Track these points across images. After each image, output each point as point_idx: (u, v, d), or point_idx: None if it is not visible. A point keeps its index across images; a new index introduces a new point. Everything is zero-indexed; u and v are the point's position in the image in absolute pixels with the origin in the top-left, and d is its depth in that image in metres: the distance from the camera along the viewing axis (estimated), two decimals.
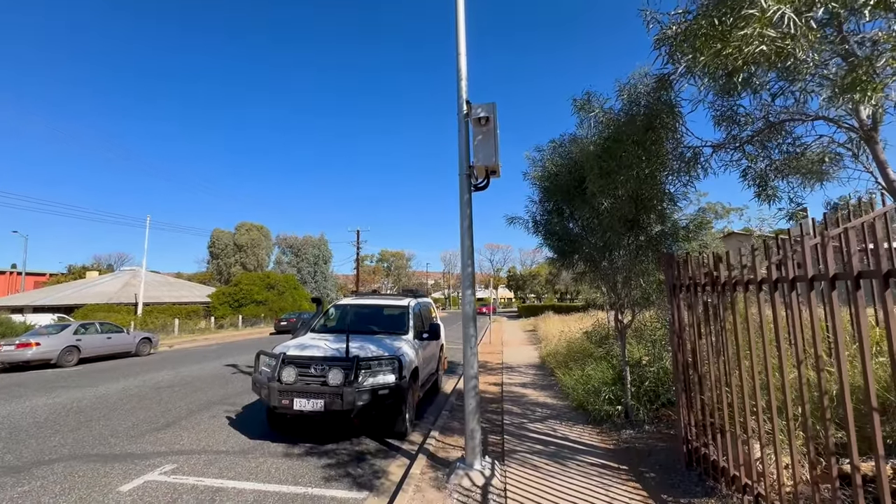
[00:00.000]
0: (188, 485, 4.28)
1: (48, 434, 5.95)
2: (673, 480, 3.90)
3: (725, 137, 4.10)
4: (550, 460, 4.63)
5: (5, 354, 12.55)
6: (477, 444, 4.32)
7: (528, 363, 11.68)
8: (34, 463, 4.87)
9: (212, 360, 13.96)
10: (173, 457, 5.05)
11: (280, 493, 4.14)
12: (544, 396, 7.59)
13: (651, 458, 4.44)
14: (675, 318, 4.02)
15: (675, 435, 4.86)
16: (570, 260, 5.66)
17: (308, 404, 5.07)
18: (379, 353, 5.54)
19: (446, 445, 5.26)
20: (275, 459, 4.97)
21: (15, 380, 10.83)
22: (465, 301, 4.53)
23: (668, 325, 5.41)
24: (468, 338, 4.47)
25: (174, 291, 35.91)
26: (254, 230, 49.30)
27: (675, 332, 4.07)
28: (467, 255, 4.58)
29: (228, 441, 5.61)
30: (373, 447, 5.43)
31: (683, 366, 3.92)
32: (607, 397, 5.55)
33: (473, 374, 4.43)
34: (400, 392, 5.35)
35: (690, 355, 3.82)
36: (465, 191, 4.66)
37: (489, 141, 4.52)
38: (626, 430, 5.22)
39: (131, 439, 5.70)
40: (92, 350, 14.15)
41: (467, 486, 4.08)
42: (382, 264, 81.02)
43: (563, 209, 5.51)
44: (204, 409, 7.33)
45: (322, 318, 7.43)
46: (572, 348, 9.46)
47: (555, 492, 3.86)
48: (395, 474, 4.61)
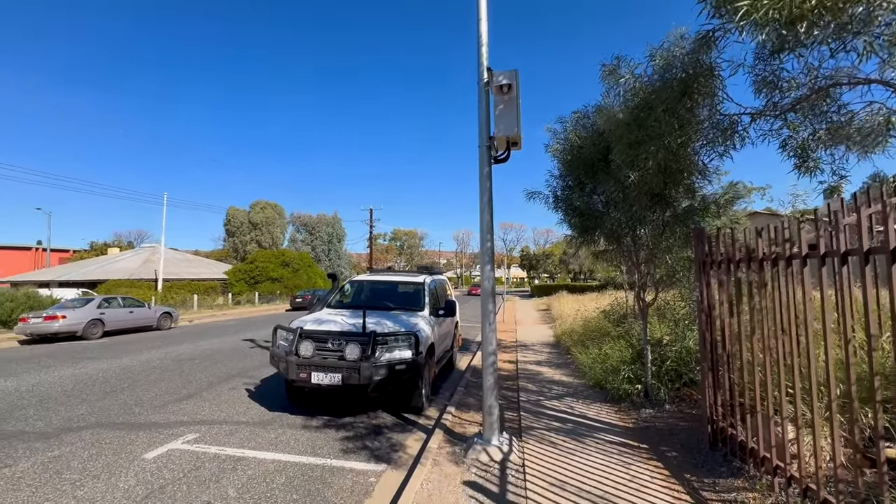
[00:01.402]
0: (210, 453, 4.36)
1: (75, 403, 6.13)
2: (696, 460, 3.82)
3: (765, 104, 3.83)
4: (568, 437, 4.59)
5: (34, 326, 12.98)
6: (495, 419, 4.29)
7: (542, 341, 11.64)
8: (63, 429, 5.02)
9: (230, 335, 14.25)
10: (195, 426, 5.16)
11: (300, 463, 4.19)
12: (560, 374, 7.54)
13: (672, 438, 4.37)
14: (704, 296, 3.86)
15: (698, 415, 4.78)
16: (592, 236, 5.48)
17: (325, 378, 5.10)
18: (395, 329, 5.51)
19: (463, 421, 5.26)
20: (294, 431, 5.04)
21: (44, 351, 11.22)
22: (485, 276, 4.43)
23: (693, 303, 5.25)
24: (487, 314, 4.39)
25: (192, 268, 36.63)
26: (268, 208, 49.66)
27: (702, 310, 3.92)
28: (487, 230, 4.45)
29: (248, 412, 5.71)
30: (389, 421, 5.46)
31: (711, 345, 3.78)
32: (627, 376, 5.46)
33: (492, 351, 4.37)
34: (416, 367, 5.34)
35: (720, 334, 3.68)
36: (485, 163, 4.49)
37: (511, 110, 4.32)
38: (645, 410, 5.15)
39: (155, 409, 5.83)
40: (115, 323, 14.55)
41: (485, 462, 4.06)
42: (395, 243, 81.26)
43: (586, 183, 5.30)
44: (224, 381, 7.48)
45: (338, 293, 7.43)
46: (588, 327, 9.36)
47: (574, 469, 3.82)
48: (412, 448, 4.63)
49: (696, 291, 4.03)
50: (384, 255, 73.26)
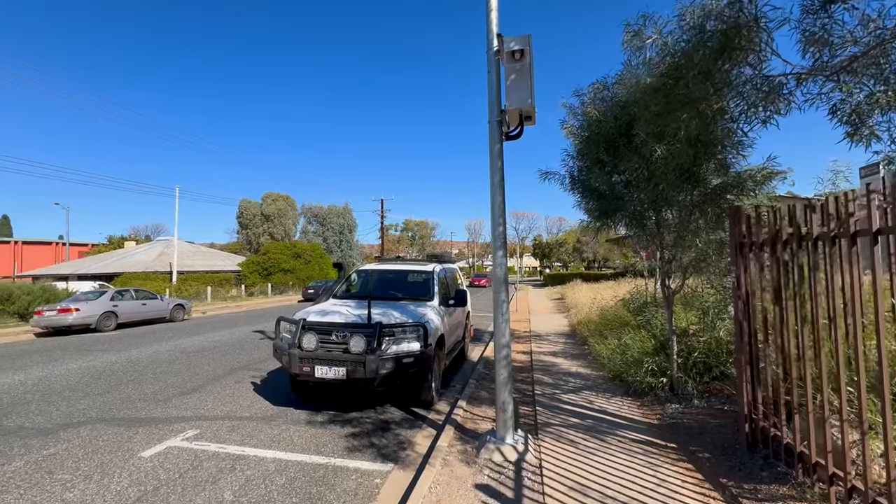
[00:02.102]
0: (209, 451, 4.16)
1: (79, 397, 6.01)
2: (732, 462, 3.46)
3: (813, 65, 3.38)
4: (588, 435, 4.27)
5: (48, 319, 13.08)
6: (509, 416, 3.98)
7: (557, 331, 11.28)
8: (62, 425, 4.88)
9: (241, 326, 14.20)
10: (197, 422, 4.97)
11: (301, 462, 3.95)
12: (577, 366, 7.20)
13: (703, 437, 4.01)
14: (743, 281, 3.46)
15: (732, 412, 4.41)
16: (612, 220, 5.08)
17: (330, 372, 4.85)
18: (403, 320, 5.22)
19: (475, 416, 4.97)
20: (297, 427, 4.81)
21: (57, 343, 11.27)
22: (497, 263, 4.09)
23: (725, 289, 4.84)
24: (499, 303, 4.06)
25: (206, 260, 36.98)
26: (280, 200, 49.79)
27: (739, 297, 3.53)
28: (499, 213, 4.10)
29: (252, 407, 5.51)
30: (398, 416, 5.21)
31: (750, 335, 3.40)
32: (650, 368, 5.09)
33: (505, 343, 4.05)
34: (425, 360, 5.06)
35: (761, 323, 3.29)
36: (496, 140, 4.12)
37: (523, 80, 3.93)
38: (671, 405, 4.78)
39: (157, 403, 5.68)
40: (128, 315, 14.62)
41: (499, 462, 3.77)
42: (407, 234, 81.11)
43: (605, 162, 4.88)
44: (230, 373, 7.32)
45: (344, 283, 7.18)
46: (606, 316, 8.96)
47: (596, 471, 3.50)
48: (421, 445, 4.36)
49: (730, 277, 3.63)
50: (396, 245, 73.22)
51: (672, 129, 3.30)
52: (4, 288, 16.32)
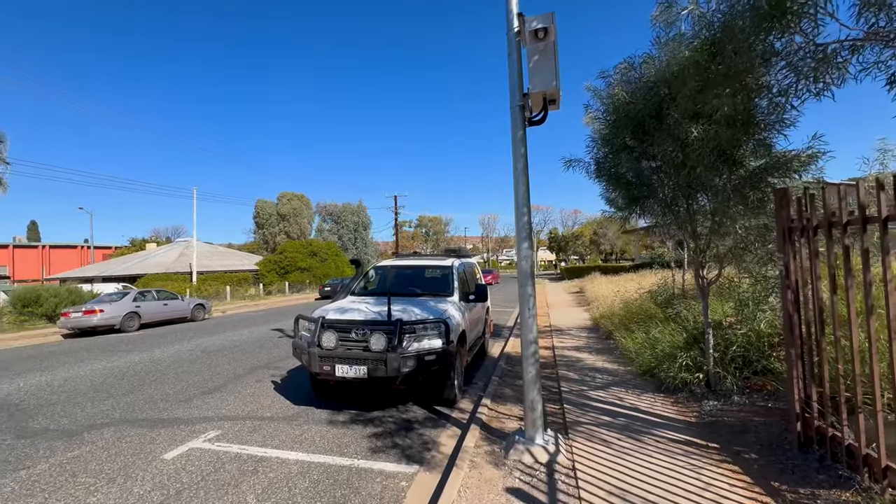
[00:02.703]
0: (232, 453, 4.08)
1: (102, 397, 6.04)
2: (783, 464, 3.22)
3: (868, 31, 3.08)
4: (622, 434, 4.06)
5: (74, 321, 13.36)
6: (538, 416, 3.80)
7: (578, 325, 11.01)
8: (86, 427, 4.88)
9: (260, 325, 14.28)
10: (218, 422, 4.92)
11: (325, 464, 3.84)
12: (603, 361, 6.96)
13: (747, 436, 3.76)
14: (792, 269, 3.20)
15: (777, 409, 4.14)
16: (641, 208, 4.82)
17: (350, 371, 4.73)
18: (424, 317, 5.07)
19: (500, 415, 4.80)
20: (319, 427, 4.72)
21: (83, 344, 11.48)
22: (522, 255, 3.89)
23: (766, 279, 4.56)
24: (525, 297, 3.87)
25: (225, 260, 37.53)
26: (295, 199, 50.19)
27: (788, 286, 3.26)
28: (522, 203, 3.90)
29: (273, 406, 5.44)
30: (420, 415, 5.07)
31: (804, 326, 3.14)
32: (684, 363, 4.84)
33: (533, 339, 3.85)
34: (447, 357, 4.90)
35: (814, 314, 3.03)
36: (519, 126, 3.91)
37: (547, 60, 3.70)
38: (708, 401, 4.53)
39: (179, 403, 5.66)
40: (150, 316, 14.85)
41: (529, 464, 3.60)
42: (421, 230, 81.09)
43: (633, 147, 4.63)
44: (250, 372, 7.29)
45: (362, 280, 7.06)
46: (630, 309, 8.67)
47: (633, 473, 3.30)
48: (446, 446, 4.21)
49: (772, 265, 3.37)
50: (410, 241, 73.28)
51: (713, 106, 3.03)
52: (33, 291, 16.75)
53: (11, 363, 8.97)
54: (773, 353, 4.37)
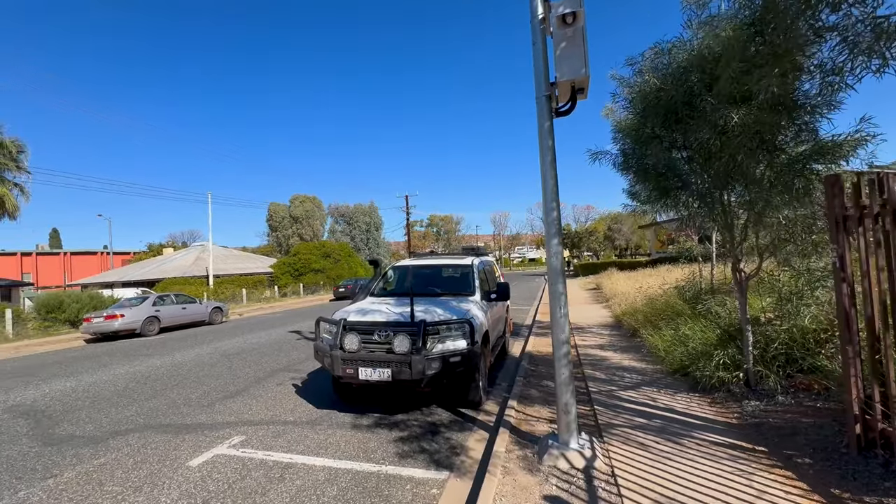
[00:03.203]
0: (257, 459, 4.00)
1: (126, 403, 6.04)
2: (842, 469, 3.01)
3: None
4: (659, 437, 3.87)
5: (96, 326, 13.56)
6: (572, 419, 3.64)
7: (599, 323, 10.77)
8: (111, 433, 4.86)
9: (277, 327, 14.32)
10: (242, 427, 4.86)
11: (352, 470, 3.74)
12: (629, 360, 6.75)
13: (797, 439, 3.54)
14: (848, 261, 2.99)
15: (826, 409, 3.90)
16: (673, 200, 4.61)
17: (374, 374, 4.62)
18: (447, 317, 4.94)
19: (528, 417, 4.65)
20: (343, 431, 4.62)
21: (105, 349, 11.62)
22: (552, 252, 3.73)
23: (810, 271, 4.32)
24: (557, 296, 3.70)
25: (240, 263, 37.95)
26: (307, 202, 50.56)
27: (843, 279, 3.05)
28: (551, 197, 3.74)
29: (296, 411, 5.36)
30: (446, 418, 4.94)
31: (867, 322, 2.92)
32: (721, 361, 4.62)
33: (564, 339, 3.69)
34: (472, 358, 4.76)
35: (878, 309, 2.81)
36: (545, 117, 3.75)
37: (575, 47, 3.53)
38: (750, 402, 4.31)
39: (202, 408, 5.62)
40: (170, 320, 15.01)
41: (565, 469, 3.44)
42: (432, 229, 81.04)
43: (663, 137, 4.42)
44: (270, 376, 7.25)
45: (381, 281, 6.96)
46: (655, 306, 8.42)
47: (678, 479, 3.12)
48: (475, 450, 4.07)
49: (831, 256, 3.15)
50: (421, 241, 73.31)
51: (761, 87, 2.83)
52: (56, 297, 17.07)
53: (37, 369, 9.09)
54: (820, 350, 4.13)
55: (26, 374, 8.62)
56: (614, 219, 59.95)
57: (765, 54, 2.78)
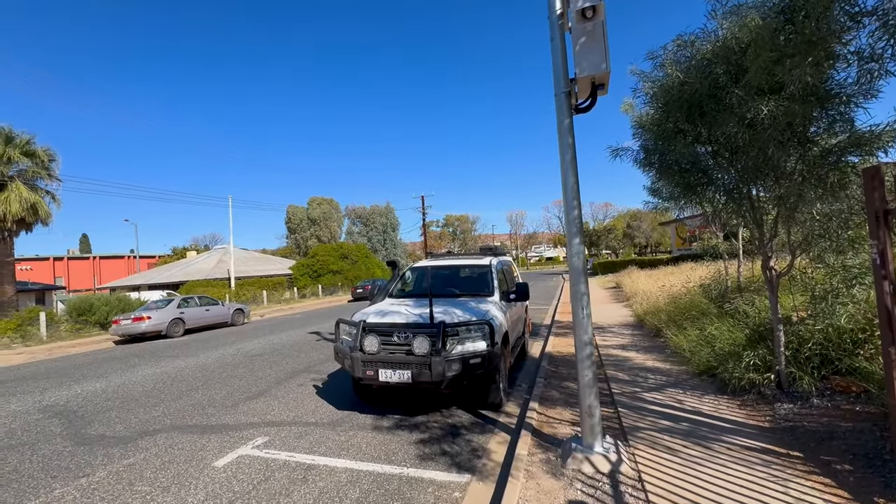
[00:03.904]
0: (280, 460, 4.04)
1: (153, 403, 6.19)
2: (885, 477, 2.86)
3: None
4: (687, 441, 3.76)
5: (124, 328, 13.98)
6: (596, 422, 3.56)
7: (620, 322, 10.58)
8: (140, 433, 4.98)
9: (298, 328, 14.52)
10: (265, 428, 4.92)
11: (373, 472, 3.74)
12: (653, 360, 6.59)
13: (834, 444, 3.39)
14: (889, 257, 2.84)
15: (868, 413, 3.71)
16: (699, 196, 4.47)
17: (394, 375, 4.62)
18: (467, 318, 4.90)
19: (550, 419, 4.58)
20: (364, 433, 4.63)
21: (133, 350, 11.97)
22: (574, 252, 3.66)
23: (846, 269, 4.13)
24: (579, 296, 3.63)
25: (260, 265, 38.65)
26: (324, 203, 51.21)
27: (885, 276, 2.90)
28: (572, 196, 3.66)
29: (317, 412, 5.41)
30: (466, 420, 4.91)
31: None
32: (752, 362, 4.46)
33: (588, 340, 3.61)
34: (493, 360, 4.71)
35: None
36: (565, 114, 3.68)
37: (596, 41, 3.45)
38: (782, 405, 4.15)
39: (226, 409, 5.72)
40: (194, 321, 15.37)
41: (590, 474, 3.37)
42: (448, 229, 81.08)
43: (687, 132, 4.29)
44: (292, 377, 7.34)
45: (399, 282, 6.96)
46: (678, 305, 8.21)
47: (709, 486, 3.01)
48: (496, 453, 4.03)
49: (871, 252, 3.00)
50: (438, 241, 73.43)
51: (794, 77, 2.71)
52: (86, 300, 17.68)
53: (70, 370, 9.42)
54: (858, 351, 3.94)
55: (60, 374, 8.94)
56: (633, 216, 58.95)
57: (797, 43, 2.65)
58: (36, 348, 13.83)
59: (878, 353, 3.82)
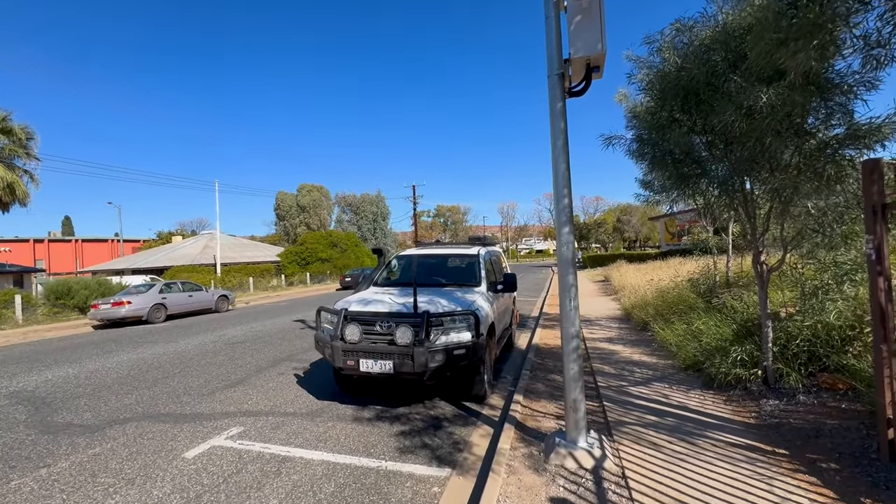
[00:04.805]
0: (254, 452, 3.89)
1: (127, 390, 5.98)
2: (872, 477, 2.80)
3: None
4: (672, 436, 3.69)
5: (103, 312, 13.62)
6: (581, 417, 3.46)
7: (608, 316, 10.56)
8: (109, 422, 4.78)
9: (282, 316, 14.29)
10: (241, 418, 4.76)
11: (350, 465, 3.61)
12: (639, 354, 6.54)
13: (821, 442, 3.34)
14: (885, 253, 2.75)
15: (855, 410, 3.66)
16: (693, 188, 4.36)
17: (375, 366, 4.48)
18: (452, 308, 4.77)
19: (534, 413, 4.49)
20: (344, 424, 4.50)
21: (112, 335, 11.66)
22: (563, 241, 3.52)
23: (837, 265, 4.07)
24: (567, 287, 3.51)
25: (247, 252, 38.10)
26: (314, 191, 50.55)
27: (880, 272, 2.81)
28: (563, 184, 3.52)
29: (296, 401, 5.26)
30: (449, 412, 4.80)
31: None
32: (739, 358, 4.41)
33: (574, 333, 3.50)
34: (477, 351, 4.59)
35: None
36: (558, 97, 3.51)
37: (592, 20, 3.29)
38: (768, 401, 4.10)
39: (202, 397, 5.53)
40: (176, 307, 15.04)
41: (572, 469, 3.28)
42: (439, 219, 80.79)
43: (683, 121, 4.17)
44: (273, 365, 7.16)
45: (384, 270, 6.80)
46: (666, 299, 8.18)
47: (693, 483, 2.94)
48: (478, 446, 3.92)
49: (867, 247, 2.91)
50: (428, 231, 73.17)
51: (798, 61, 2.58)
52: (64, 283, 17.20)
53: (43, 355, 9.12)
54: (847, 349, 3.90)
55: (32, 359, 8.64)
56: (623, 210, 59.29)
57: (801, 25, 2.52)
58: (10, 332, 13.42)
59: (866, 351, 3.78)
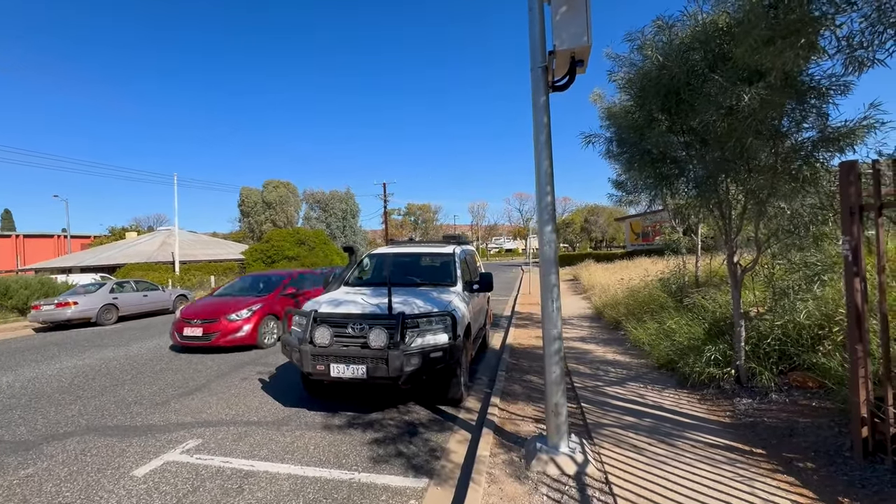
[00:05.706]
0: (213, 467, 3.57)
1: (69, 401, 5.44)
2: (848, 476, 2.83)
3: None
4: (652, 438, 3.66)
5: (46, 314, 12.56)
6: (562, 421, 3.37)
7: (579, 314, 10.66)
8: (46, 437, 4.31)
9: None
10: (199, 429, 4.39)
11: (320, 479, 3.37)
12: (613, 353, 6.58)
13: (796, 440, 3.38)
14: (861, 255, 2.78)
15: (825, 408, 3.73)
16: (671, 188, 4.36)
17: (347, 371, 4.23)
18: (428, 309, 4.58)
19: (512, 416, 4.37)
20: (313, 433, 4.23)
21: (55, 339, 10.76)
22: (545, 240, 3.41)
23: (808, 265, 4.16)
24: (549, 287, 3.40)
25: (209, 249, 36.45)
26: (281, 187, 48.98)
27: (856, 273, 2.85)
28: (546, 180, 3.40)
29: (261, 409, 4.93)
30: (424, 417, 4.62)
31: (882, 319, 2.73)
32: (712, 357, 4.45)
33: (557, 335, 3.40)
34: (454, 353, 4.43)
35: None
36: (541, 91, 3.40)
37: (577, 11, 3.18)
38: (742, 399, 4.15)
39: (155, 407, 5.10)
40: (129, 308, 14.09)
41: (555, 476, 3.17)
42: (409, 218, 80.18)
43: (661, 120, 4.15)
44: (235, 369, 6.75)
45: (356, 269, 6.52)
46: (637, 298, 8.30)
47: (677, 486, 2.89)
48: (456, 453, 3.76)
49: (843, 248, 2.94)
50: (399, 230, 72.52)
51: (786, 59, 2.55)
52: (2, 282, 15.80)
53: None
54: (817, 347, 3.99)
55: None
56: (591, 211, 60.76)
57: (788, 22, 2.49)
58: None
59: (835, 350, 3.88)
